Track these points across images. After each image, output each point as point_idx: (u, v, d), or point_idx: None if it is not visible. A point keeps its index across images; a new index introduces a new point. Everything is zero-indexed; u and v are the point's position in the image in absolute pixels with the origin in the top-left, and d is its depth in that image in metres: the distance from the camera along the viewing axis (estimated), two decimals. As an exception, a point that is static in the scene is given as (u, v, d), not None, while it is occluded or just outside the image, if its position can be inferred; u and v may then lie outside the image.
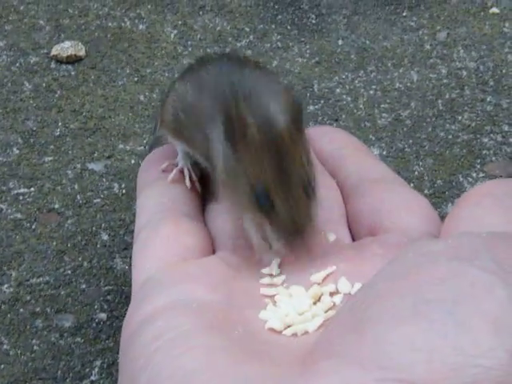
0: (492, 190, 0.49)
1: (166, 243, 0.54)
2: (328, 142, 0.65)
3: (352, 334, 0.39)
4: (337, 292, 0.50)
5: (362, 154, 0.64)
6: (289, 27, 0.99)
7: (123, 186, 0.79)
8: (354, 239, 0.57)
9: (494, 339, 0.36)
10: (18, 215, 0.76)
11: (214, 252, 0.55)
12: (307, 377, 0.38)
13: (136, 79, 0.91)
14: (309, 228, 0.51)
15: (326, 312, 0.48)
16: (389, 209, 0.56)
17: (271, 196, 0.50)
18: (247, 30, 0.98)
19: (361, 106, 0.88)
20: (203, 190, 0.62)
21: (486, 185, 0.51)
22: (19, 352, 0.65)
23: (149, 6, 1.02)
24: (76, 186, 0.79)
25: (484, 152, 0.82)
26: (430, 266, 0.40)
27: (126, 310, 0.49)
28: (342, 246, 0.55)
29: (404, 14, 1.01)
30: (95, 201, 0.77)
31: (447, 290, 0.38)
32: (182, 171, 0.61)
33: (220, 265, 0.52)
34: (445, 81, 0.91)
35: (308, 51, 0.96)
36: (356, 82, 0.91)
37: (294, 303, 0.49)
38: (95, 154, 0.82)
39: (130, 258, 0.56)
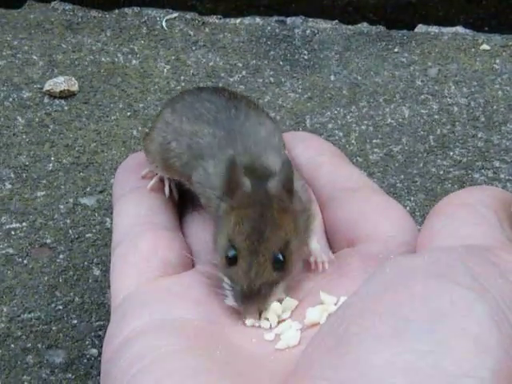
0: (466, 199, 0.49)
1: (145, 258, 0.53)
2: (304, 148, 0.64)
3: (333, 356, 0.38)
4: (318, 303, 0.50)
5: (338, 161, 0.63)
6: (281, 63, 1.00)
7: (115, 220, 0.78)
8: (331, 247, 0.57)
9: (475, 358, 0.35)
10: (10, 250, 0.76)
11: (193, 265, 0.54)
12: None
13: (129, 114, 0.92)
14: (262, 295, 0.49)
15: (304, 326, 0.48)
16: (366, 219, 0.56)
17: (237, 255, 0.49)
18: (240, 65, 0.99)
19: (353, 141, 0.89)
20: (180, 200, 0.61)
21: (460, 194, 0.51)
22: (10, 388, 0.64)
23: (142, 41, 1.02)
24: (68, 221, 0.79)
25: (475, 187, 0.82)
26: (408, 283, 0.40)
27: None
28: None
29: (395, 50, 1.02)
30: (87, 235, 0.77)
31: (426, 308, 0.38)
32: (162, 180, 0.60)
33: (200, 280, 0.51)
34: (436, 116, 0.92)
35: (300, 86, 0.96)
36: (348, 117, 0.92)
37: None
38: (88, 189, 0.82)
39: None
